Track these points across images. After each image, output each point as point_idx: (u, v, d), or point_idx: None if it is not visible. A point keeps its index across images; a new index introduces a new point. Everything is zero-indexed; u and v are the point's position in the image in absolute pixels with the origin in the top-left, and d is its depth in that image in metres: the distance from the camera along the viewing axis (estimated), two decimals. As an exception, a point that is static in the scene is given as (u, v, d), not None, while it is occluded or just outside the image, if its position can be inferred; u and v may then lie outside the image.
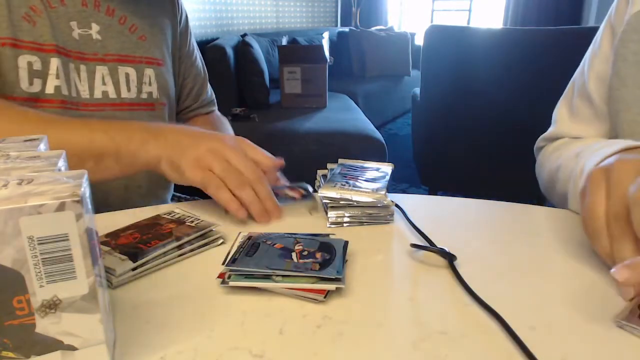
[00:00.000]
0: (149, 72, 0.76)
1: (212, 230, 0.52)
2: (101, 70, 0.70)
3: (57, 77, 0.65)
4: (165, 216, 0.55)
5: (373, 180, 0.61)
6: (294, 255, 0.45)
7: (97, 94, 0.70)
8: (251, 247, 0.47)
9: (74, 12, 0.67)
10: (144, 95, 0.75)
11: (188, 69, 0.88)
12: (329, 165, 0.67)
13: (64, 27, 0.66)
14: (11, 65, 0.62)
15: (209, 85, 0.96)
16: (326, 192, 0.57)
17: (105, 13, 0.71)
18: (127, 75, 0.73)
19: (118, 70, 0.72)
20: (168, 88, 0.80)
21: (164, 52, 0.79)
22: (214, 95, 0.98)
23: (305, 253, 0.46)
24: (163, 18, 0.80)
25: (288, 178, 0.69)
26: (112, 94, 0.72)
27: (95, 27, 0.69)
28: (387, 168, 0.65)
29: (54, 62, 0.64)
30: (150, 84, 0.76)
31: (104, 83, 0.71)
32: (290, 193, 0.62)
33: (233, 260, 0.44)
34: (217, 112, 0.99)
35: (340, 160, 0.68)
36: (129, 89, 0.73)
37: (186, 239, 0.49)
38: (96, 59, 0.70)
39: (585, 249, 0.51)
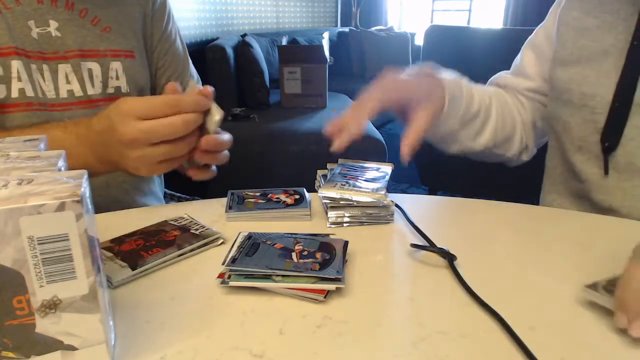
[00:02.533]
0: (116, 65, 0.72)
1: (216, 237, 0.52)
2: (64, 69, 0.68)
3: (20, 79, 0.63)
4: (172, 222, 0.55)
5: (373, 180, 0.61)
6: (294, 255, 0.45)
7: (63, 94, 0.68)
8: (251, 247, 0.47)
9: (30, 11, 0.64)
10: (111, 90, 0.72)
11: (162, 57, 0.83)
12: (329, 165, 0.67)
13: (22, 27, 0.64)
14: None
15: (192, 71, 0.90)
16: (326, 192, 0.57)
17: (64, 7, 0.67)
18: (90, 71, 0.70)
19: (81, 67, 0.69)
20: (140, 80, 0.77)
21: (133, 43, 0.76)
22: (200, 82, 0.91)
23: (305, 253, 0.46)
24: (132, 6, 0.76)
25: (288, 178, 0.68)
26: (78, 92, 0.69)
27: (53, 24, 0.66)
28: (387, 168, 0.65)
29: (15, 65, 0.62)
30: (117, 77, 0.72)
31: (68, 82, 0.68)
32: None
33: (233, 260, 0.44)
34: None
35: (340, 160, 0.68)
36: (93, 85, 0.70)
37: (188, 247, 0.49)
38: (57, 57, 0.67)
39: (585, 248, 0.51)
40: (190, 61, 0.89)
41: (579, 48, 0.65)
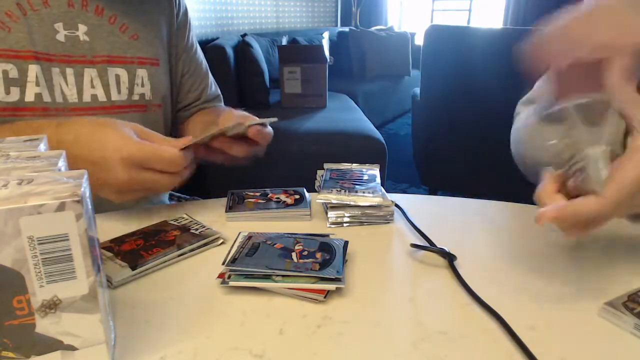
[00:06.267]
0: (142, 72, 0.73)
1: (216, 237, 0.52)
2: (90, 73, 0.68)
3: (37, 84, 0.63)
4: (172, 222, 0.55)
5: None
6: (294, 255, 0.45)
7: (86, 98, 0.68)
8: (251, 247, 0.47)
9: (59, 13, 0.65)
10: (136, 97, 0.73)
11: (187, 64, 0.86)
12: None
13: (46, 30, 0.64)
14: None
15: (212, 80, 0.93)
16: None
17: (94, 13, 0.68)
18: (117, 77, 0.71)
19: (107, 72, 0.69)
20: (163, 88, 0.78)
21: (159, 51, 0.77)
22: (219, 91, 0.95)
23: (305, 253, 0.46)
24: (158, 15, 0.78)
25: (288, 178, 0.68)
26: (102, 97, 0.69)
27: (82, 28, 0.67)
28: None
29: (33, 69, 0.62)
30: (142, 85, 0.74)
31: (92, 86, 0.68)
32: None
33: (233, 260, 0.44)
34: (223, 106, 0.96)
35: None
36: (119, 91, 0.71)
37: (188, 247, 0.49)
38: (84, 62, 0.67)
39: (585, 249, 0.51)
40: (209, 70, 0.92)
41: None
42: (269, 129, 0.63)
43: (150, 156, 0.52)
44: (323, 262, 0.44)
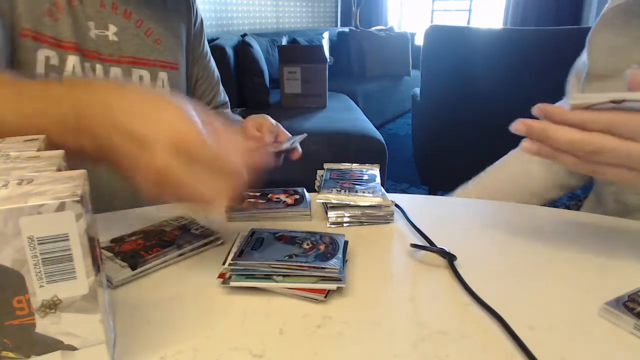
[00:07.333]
0: (163, 75, 0.76)
1: (216, 237, 0.52)
2: (115, 72, 0.71)
3: (74, 74, 0.65)
4: (172, 222, 0.55)
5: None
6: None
7: None
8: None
9: (92, 12, 0.68)
10: None
11: (201, 71, 0.89)
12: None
13: (82, 26, 0.67)
14: (30, 57, 0.62)
15: (222, 88, 0.97)
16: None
17: (122, 16, 0.71)
18: (140, 78, 0.73)
19: (132, 73, 0.72)
20: (181, 92, 0.80)
21: (178, 56, 0.80)
22: (227, 98, 0.98)
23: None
24: (178, 22, 0.81)
25: (288, 178, 0.68)
26: None
27: (112, 29, 0.70)
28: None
29: (72, 60, 0.65)
30: (163, 87, 0.76)
31: None
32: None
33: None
34: (229, 112, 0.99)
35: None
36: None
37: (188, 247, 0.49)
38: (111, 60, 0.70)
39: (585, 249, 0.51)
40: (219, 78, 0.96)
41: (611, 63, 0.66)
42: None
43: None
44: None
